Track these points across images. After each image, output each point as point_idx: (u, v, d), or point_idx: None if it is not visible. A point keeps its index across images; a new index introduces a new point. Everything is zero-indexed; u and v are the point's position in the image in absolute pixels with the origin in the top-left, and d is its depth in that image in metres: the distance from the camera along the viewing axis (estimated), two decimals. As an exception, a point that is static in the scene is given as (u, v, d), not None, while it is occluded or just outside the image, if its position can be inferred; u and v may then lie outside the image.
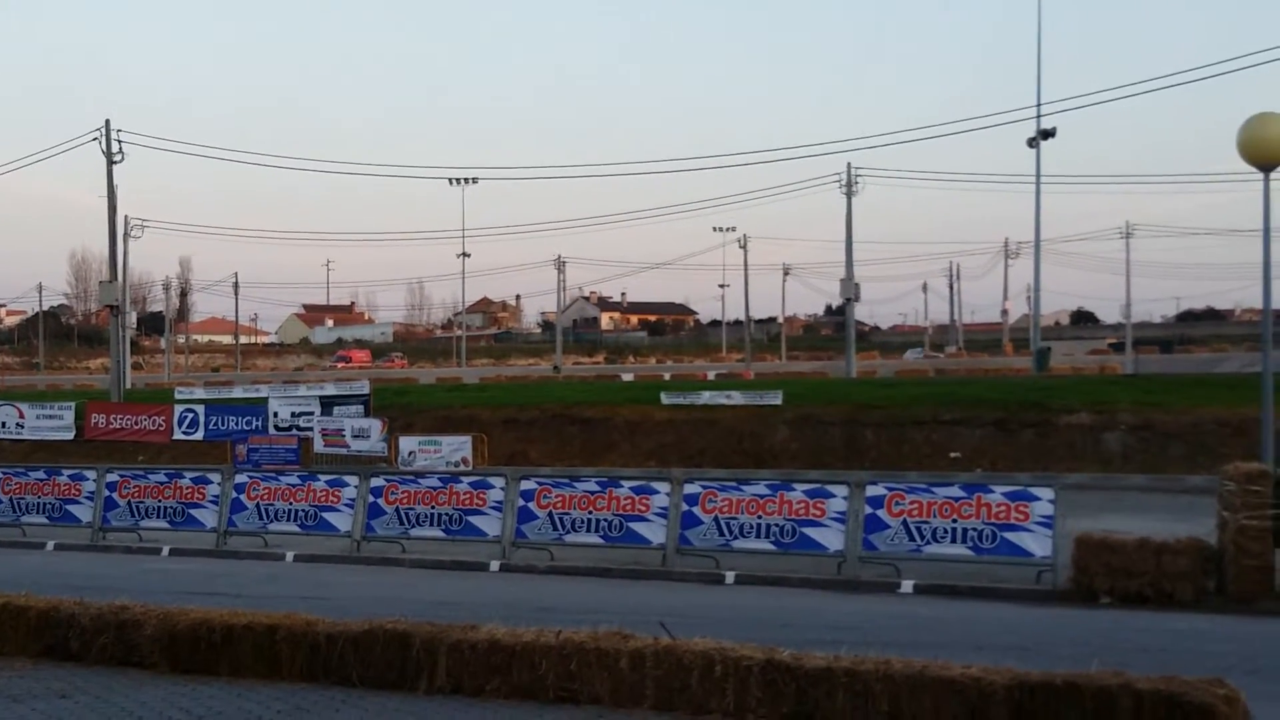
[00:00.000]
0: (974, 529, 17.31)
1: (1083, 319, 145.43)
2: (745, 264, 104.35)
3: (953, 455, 33.23)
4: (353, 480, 22.15)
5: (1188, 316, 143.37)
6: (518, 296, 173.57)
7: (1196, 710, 7.28)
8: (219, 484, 23.00)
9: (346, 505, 21.67)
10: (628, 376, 65.12)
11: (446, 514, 20.81)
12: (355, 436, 37.03)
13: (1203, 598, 15.62)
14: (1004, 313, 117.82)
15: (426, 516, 20.96)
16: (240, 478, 23.30)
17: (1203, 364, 61.63)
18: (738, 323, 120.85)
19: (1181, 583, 15.68)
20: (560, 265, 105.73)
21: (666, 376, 65.03)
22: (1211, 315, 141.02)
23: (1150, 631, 13.88)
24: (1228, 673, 7.86)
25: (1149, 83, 66.20)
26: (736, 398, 39.56)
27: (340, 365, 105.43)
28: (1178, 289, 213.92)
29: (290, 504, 22.09)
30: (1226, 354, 76.04)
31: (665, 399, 40.35)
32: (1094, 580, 16.09)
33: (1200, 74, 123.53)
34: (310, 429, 38.18)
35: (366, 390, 41.72)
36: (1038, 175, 55.12)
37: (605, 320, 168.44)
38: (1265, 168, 17.27)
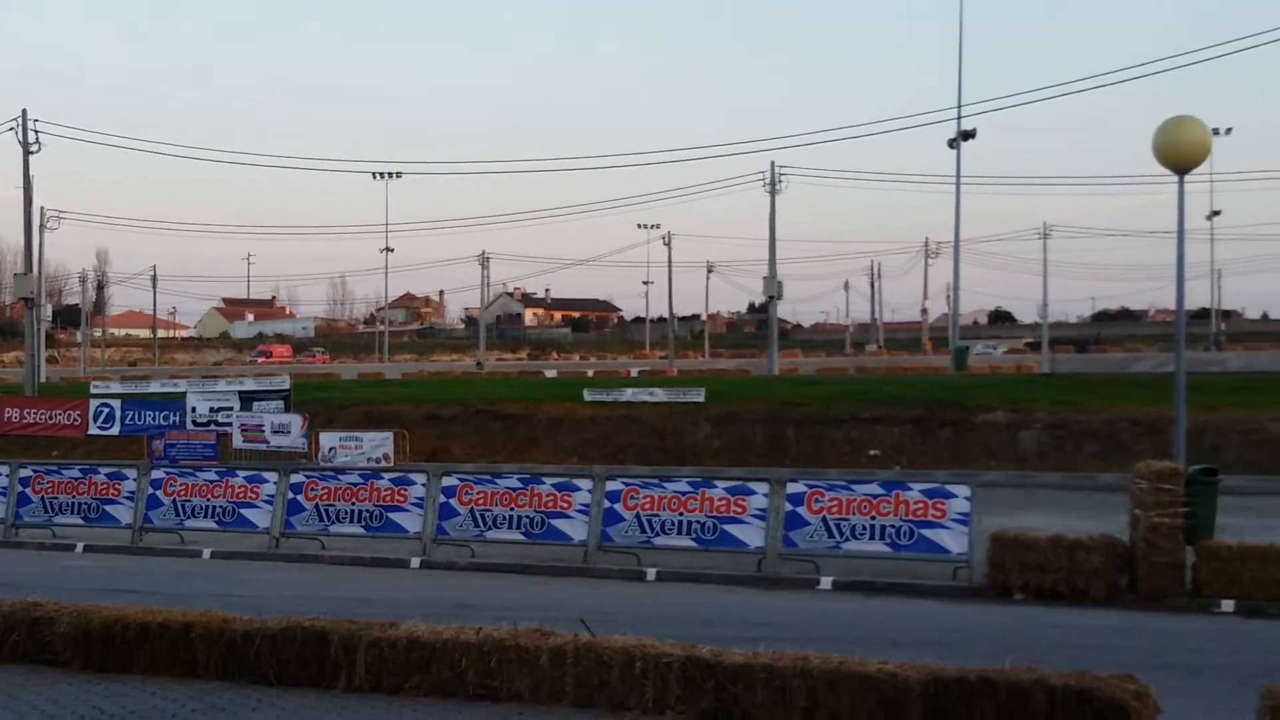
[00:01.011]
0: (892, 526, 17.49)
1: (1001, 318, 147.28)
2: (669, 261, 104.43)
3: (872, 453, 33.52)
4: (272, 476, 21.93)
5: (1103, 316, 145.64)
6: (441, 292, 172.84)
7: (1107, 705, 7.43)
8: (135, 480, 22.68)
9: (265, 501, 21.46)
10: (551, 373, 65.02)
11: (367, 510, 20.68)
12: (275, 432, 36.70)
13: (1115, 594, 15.89)
14: (924, 312, 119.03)
15: (347, 513, 20.81)
16: (157, 473, 22.98)
17: (1117, 364, 62.62)
18: (661, 320, 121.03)
19: (1094, 579, 15.93)
20: (484, 261, 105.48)
21: (590, 373, 64.95)
22: (1126, 315, 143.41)
23: (1063, 627, 14.11)
24: (1138, 668, 8.01)
25: (1066, 85, 67.14)
26: (659, 395, 39.63)
27: (261, 360, 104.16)
28: (1093, 289, 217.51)
29: (208, 500, 21.84)
30: (1140, 354, 77.23)
31: (588, 396, 40.35)
32: (1009, 577, 16.32)
33: (1115, 78, 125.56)
34: (229, 424, 37.80)
35: (287, 385, 41.34)
36: (958, 176, 55.76)
37: (529, 316, 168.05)
38: (1180, 171, 17.49)
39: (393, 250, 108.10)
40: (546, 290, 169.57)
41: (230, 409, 38.87)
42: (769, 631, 10.89)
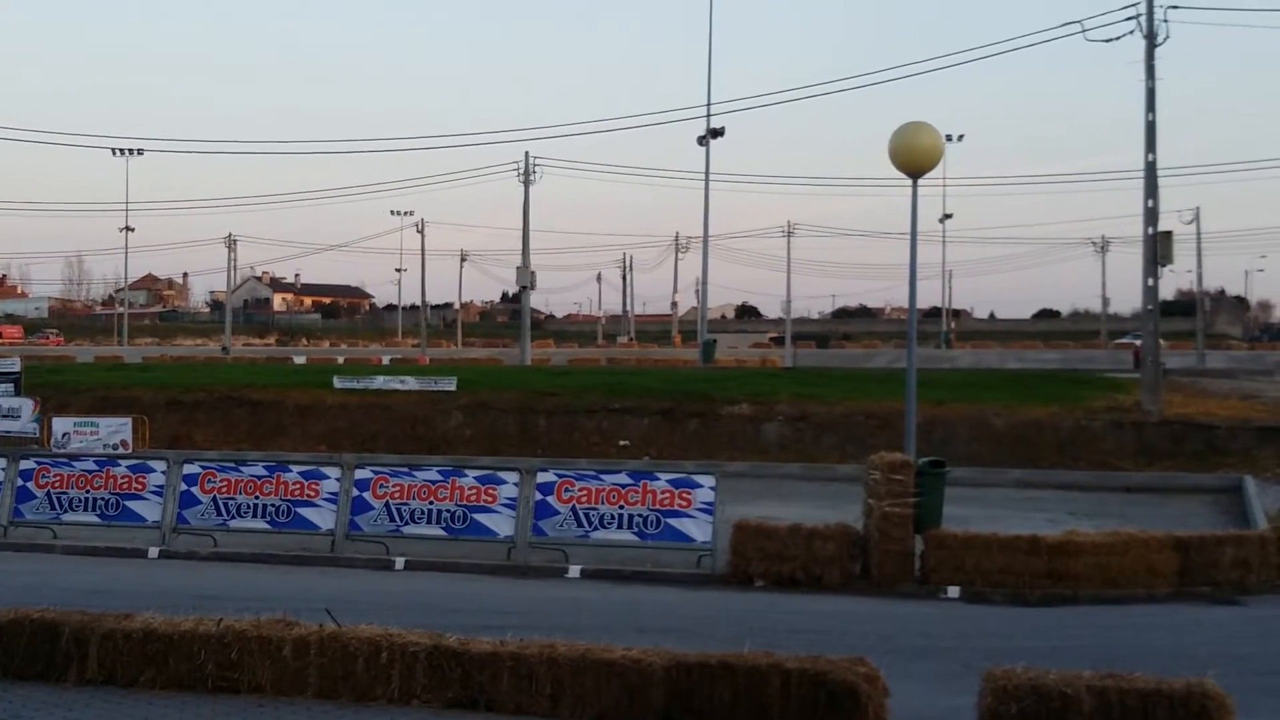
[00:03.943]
0: (640, 515, 17.79)
1: (747, 313, 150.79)
2: (422, 249, 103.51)
3: (622, 443, 33.95)
4: (0, 462, 20.91)
5: (842, 313, 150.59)
6: (185, 274, 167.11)
7: (839, 687, 7.77)
8: None
9: (-9, 489, 20.45)
10: (300, 359, 63.66)
11: (103, 499, 19.92)
12: (4, 416, 34.99)
13: (849, 581, 16.53)
14: (674, 305, 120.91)
15: (81, 501, 20.02)
16: None
17: (855, 359, 64.82)
18: (414, 308, 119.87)
19: (830, 567, 16.54)
20: (231, 243, 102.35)
21: (340, 360, 63.91)
22: (864, 313, 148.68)
23: (800, 613, 14.61)
24: (869, 652, 8.38)
25: (809, 88, 69.26)
26: (411, 383, 39.29)
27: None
28: (834, 287, 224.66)
29: (-73, 488, 20.68)
30: (877, 349, 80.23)
31: (338, 383, 39.71)
32: (750, 564, 16.80)
33: (856, 83, 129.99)
34: (-48, 408, 35.80)
35: (17, 368, 39.24)
36: (706, 173, 56.75)
37: (278, 301, 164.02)
38: (914, 175, 18.16)
39: (133, 230, 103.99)
40: (296, 275, 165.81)
41: (-45, 392, 36.80)
42: (517, 620, 10.96)
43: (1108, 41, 33.04)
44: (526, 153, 61.31)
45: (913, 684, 9.49)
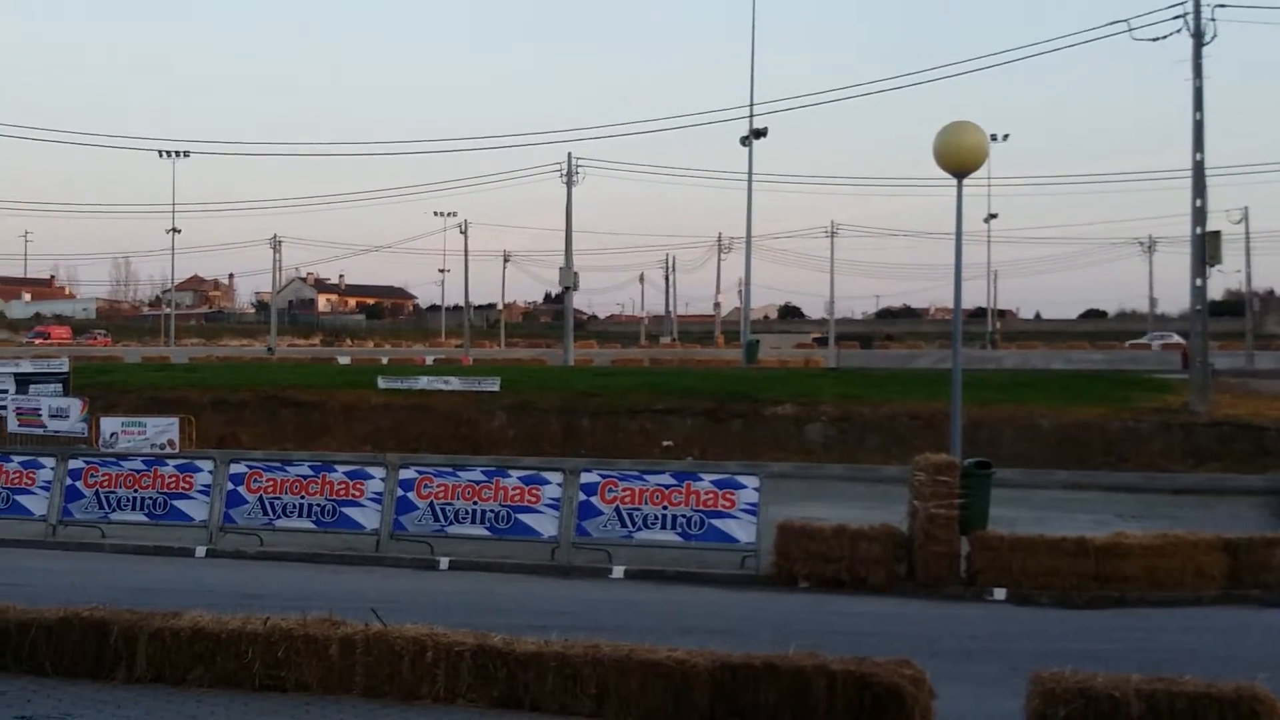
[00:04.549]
0: (683, 516, 17.77)
1: (790, 313, 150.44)
2: (466, 250, 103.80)
3: (665, 444, 33.94)
4: (49, 462, 21.14)
5: (886, 314, 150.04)
6: (231, 275, 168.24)
7: (885, 689, 7.72)
8: (-101, 465, 21.56)
9: (42, 488, 20.67)
10: (344, 360, 63.96)
11: (151, 498, 20.09)
12: (53, 416, 35.38)
13: (894, 582, 16.45)
14: (717, 305, 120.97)
15: (129, 500, 20.20)
16: (-77, 458, 21.91)
17: (899, 360, 64.54)
18: (457, 308, 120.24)
19: (874, 568, 16.47)
20: (276, 244, 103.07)
21: (384, 361, 64.17)
22: (908, 313, 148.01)
23: (845, 615, 14.55)
24: (915, 654, 8.32)
25: (854, 88, 69.01)
26: (454, 383, 39.45)
27: (39, 342, 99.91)
28: (877, 287, 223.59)
29: (-21, 486, 20.92)
30: (921, 350, 79.82)
31: (382, 383, 39.92)
32: (794, 565, 16.75)
33: (900, 83, 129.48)
34: (4, 407, 36.26)
35: (66, 368, 39.76)
36: (750, 173, 56.77)
37: (322, 302, 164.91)
38: (959, 174, 18.09)
39: (179, 231, 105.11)
40: (341, 276, 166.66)
41: (5, 392, 37.27)
42: (561, 620, 10.97)
43: (1154, 40, 32.83)
44: (569, 154, 61.50)
45: (959, 686, 9.42)
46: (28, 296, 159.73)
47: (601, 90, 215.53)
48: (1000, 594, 16.04)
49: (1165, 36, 32.64)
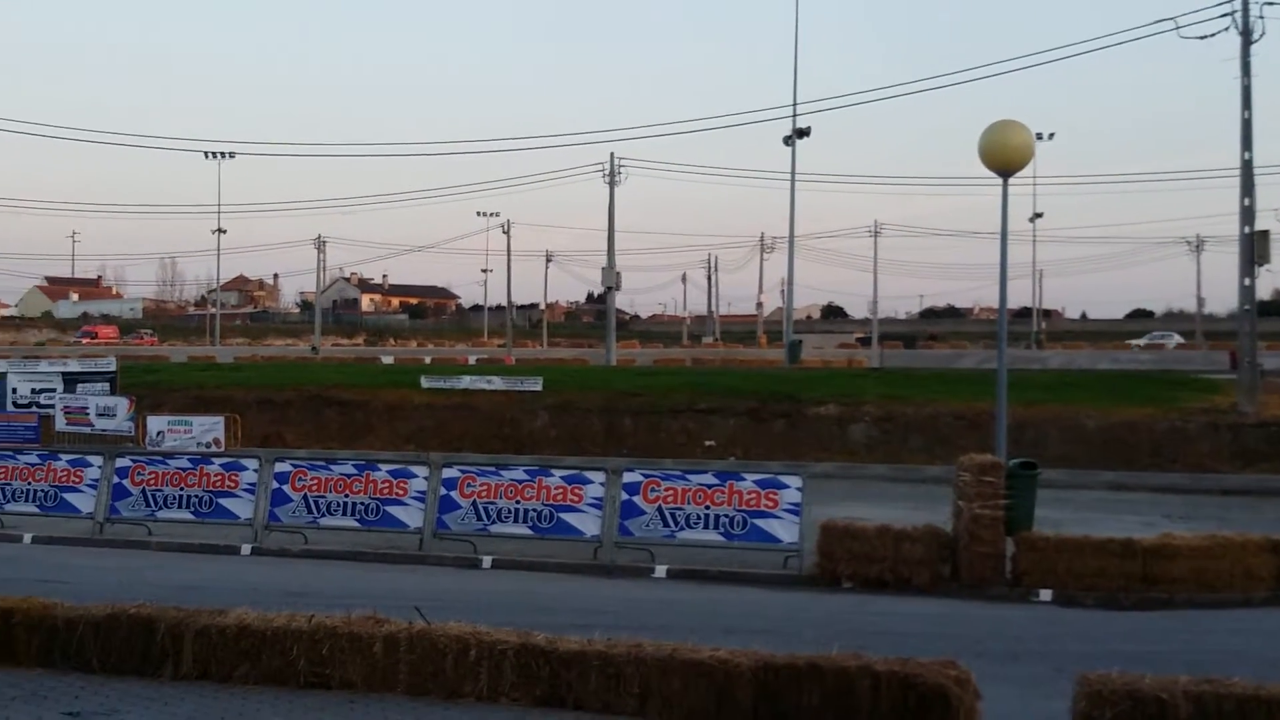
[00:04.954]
0: (726, 515, 17.74)
1: (833, 313, 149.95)
2: (508, 250, 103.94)
3: (707, 443, 33.92)
4: (96, 460, 21.34)
5: (930, 314, 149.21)
6: (275, 275, 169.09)
7: (930, 690, 7.68)
8: (-50, 463, 21.83)
9: (89, 486, 20.87)
10: (388, 359, 64.27)
11: (196, 496, 20.25)
12: (100, 415, 35.71)
13: (938, 583, 16.35)
14: (759, 305, 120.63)
15: (175, 498, 20.36)
16: (-28, 456, 22.17)
17: (942, 359, 64.25)
18: (500, 308, 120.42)
19: (918, 568, 16.38)
20: (320, 245, 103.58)
21: (427, 360, 64.43)
22: (951, 313, 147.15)
23: (889, 615, 14.48)
24: (959, 655, 8.27)
25: (897, 87, 68.76)
26: (497, 383, 39.55)
27: (86, 341, 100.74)
28: (921, 287, 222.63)
29: (29, 484, 21.15)
30: (965, 350, 79.33)
31: (425, 383, 40.07)
32: (837, 565, 16.68)
33: (944, 81, 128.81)
34: (52, 406, 36.63)
35: (113, 367, 40.13)
36: (793, 172, 56.47)
37: (366, 302, 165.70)
38: (1004, 173, 17.96)
39: (225, 231, 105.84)
40: (384, 276, 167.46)
41: (53, 391, 37.66)
42: (604, 619, 10.98)
43: (1202, 39, 32.49)
44: (612, 154, 61.45)
45: (1004, 688, 9.36)
46: (75, 296, 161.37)
47: (644, 90, 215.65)
48: (1046, 595, 15.93)
49: (1213, 35, 32.37)
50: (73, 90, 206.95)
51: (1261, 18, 31.71)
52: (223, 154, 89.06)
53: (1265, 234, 33.80)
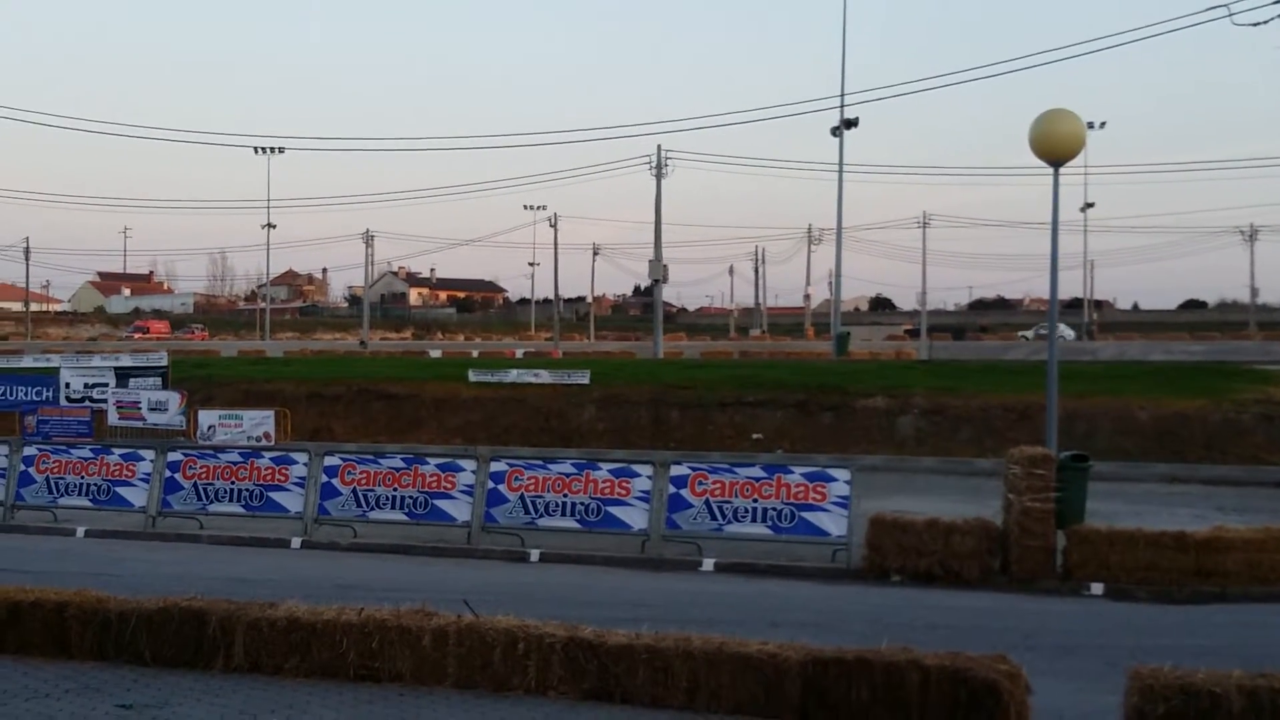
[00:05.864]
0: (774, 509, 17.70)
1: (881, 305, 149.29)
2: (555, 243, 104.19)
3: (755, 436, 33.84)
4: (148, 454, 21.54)
5: (979, 305, 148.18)
6: (324, 270, 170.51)
7: (980, 685, 7.63)
8: (6, 456, 22.10)
9: (142, 480, 21.08)
10: (435, 353, 64.53)
11: (247, 489, 20.40)
12: (152, 409, 36.03)
13: (988, 576, 16.25)
14: (806, 297, 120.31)
15: (226, 492, 20.51)
16: (29, 450, 22.42)
17: (992, 351, 63.76)
18: (547, 301, 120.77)
19: (968, 562, 16.27)
20: (369, 239, 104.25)
21: (475, 354, 64.57)
22: (1001, 304, 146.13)
23: (938, 609, 14.40)
24: (1010, 649, 8.23)
25: (945, 77, 68.30)
26: (544, 376, 39.61)
27: (137, 336, 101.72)
28: (970, 278, 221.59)
29: (82, 478, 21.39)
30: (1015, 342, 78.82)
31: (473, 376, 40.19)
32: (886, 559, 16.60)
33: (993, 71, 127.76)
34: (104, 400, 37.00)
35: (165, 362, 40.47)
36: (840, 164, 56.24)
37: (414, 296, 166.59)
38: (1055, 163, 17.80)
39: (275, 226, 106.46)
40: (432, 270, 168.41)
41: (106, 385, 38.00)
42: (652, 613, 10.99)
43: (1255, 25, 32.08)
44: (659, 146, 61.52)
45: (1055, 682, 9.30)
46: (127, 291, 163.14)
47: (691, 82, 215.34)
48: (1097, 589, 15.79)
49: (1266, 21, 31.94)
50: (124, 88, 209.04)
51: (1316, 3, 31.27)
52: (272, 149, 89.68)
53: (1320, 223, 33.34)
